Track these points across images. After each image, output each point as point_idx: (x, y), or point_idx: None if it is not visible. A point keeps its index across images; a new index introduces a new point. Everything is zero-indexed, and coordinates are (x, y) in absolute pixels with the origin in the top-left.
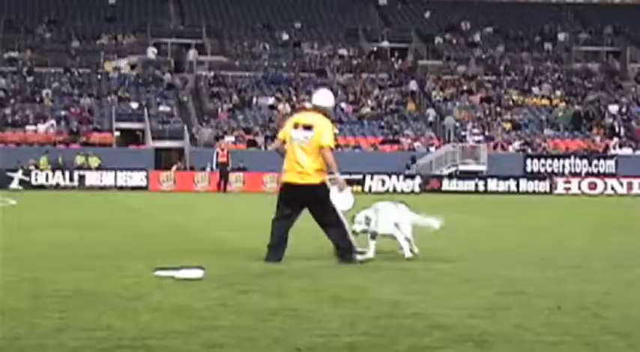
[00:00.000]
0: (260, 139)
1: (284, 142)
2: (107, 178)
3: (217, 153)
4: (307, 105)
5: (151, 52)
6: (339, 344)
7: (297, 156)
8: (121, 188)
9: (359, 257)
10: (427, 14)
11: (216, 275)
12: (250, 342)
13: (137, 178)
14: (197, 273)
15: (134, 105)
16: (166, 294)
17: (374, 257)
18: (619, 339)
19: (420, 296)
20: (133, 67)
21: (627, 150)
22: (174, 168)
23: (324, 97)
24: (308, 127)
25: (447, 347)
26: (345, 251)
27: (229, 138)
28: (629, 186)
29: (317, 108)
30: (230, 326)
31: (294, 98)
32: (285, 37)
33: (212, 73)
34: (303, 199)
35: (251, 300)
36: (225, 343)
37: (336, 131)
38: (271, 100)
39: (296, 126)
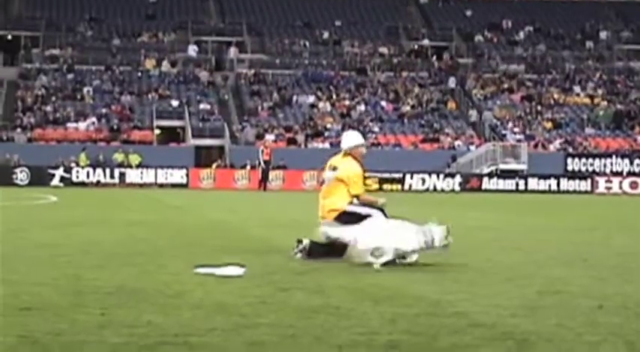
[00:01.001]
0: (300, 137)
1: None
2: (148, 176)
3: (262, 151)
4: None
5: (192, 50)
6: (379, 342)
7: (320, 199)
8: (162, 185)
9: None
10: (468, 13)
11: (257, 272)
12: (291, 340)
13: (177, 176)
14: (238, 271)
15: (174, 103)
16: (207, 292)
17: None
18: None
19: (460, 295)
20: (173, 64)
21: None
22: (214, 165)
23: (347, 140)
24: (334, 168)
25: (487, 346)
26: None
27: (269, 136)
28: None
29: (346, 152)
30: (271, 324)
31: (335, 96)
32: (326, 35)
33: (252, 71)
34: None
35: (292, 298)
36: (266, 341)
37: (363, 173)
38: (311, 98)
39: (329, 167)
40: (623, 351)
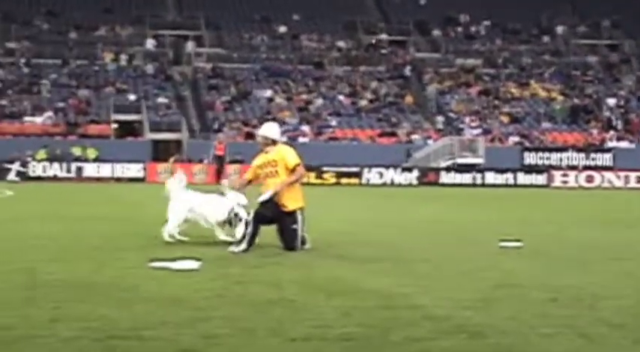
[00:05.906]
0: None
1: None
2: (104, 170)
3: (215, 146)
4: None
5: (150, 44)
6: (333, 335)
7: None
8: (119, 179)
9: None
10: (425, 7)
11: (212, 266)
12: (246, 333)
13: (134, 170)
14: (193, 264)
15: (132, 97)
16: (162, 285)
17: None
18: (613, 330)
19: (415, 288)
20: (131, 58)
21: (624, 144)
22: (172, 159)
23: (275, 131)
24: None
25: (440, 339)
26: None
27: (226, 130)
28: (626, 179)
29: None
30: (226, 317)
31: (292, 90)
32: (283, 29)
33: (210, 65)
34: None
35: (247, 291)
36: (220, 334)
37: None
38: (269, 92)
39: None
40: (578, 343)
